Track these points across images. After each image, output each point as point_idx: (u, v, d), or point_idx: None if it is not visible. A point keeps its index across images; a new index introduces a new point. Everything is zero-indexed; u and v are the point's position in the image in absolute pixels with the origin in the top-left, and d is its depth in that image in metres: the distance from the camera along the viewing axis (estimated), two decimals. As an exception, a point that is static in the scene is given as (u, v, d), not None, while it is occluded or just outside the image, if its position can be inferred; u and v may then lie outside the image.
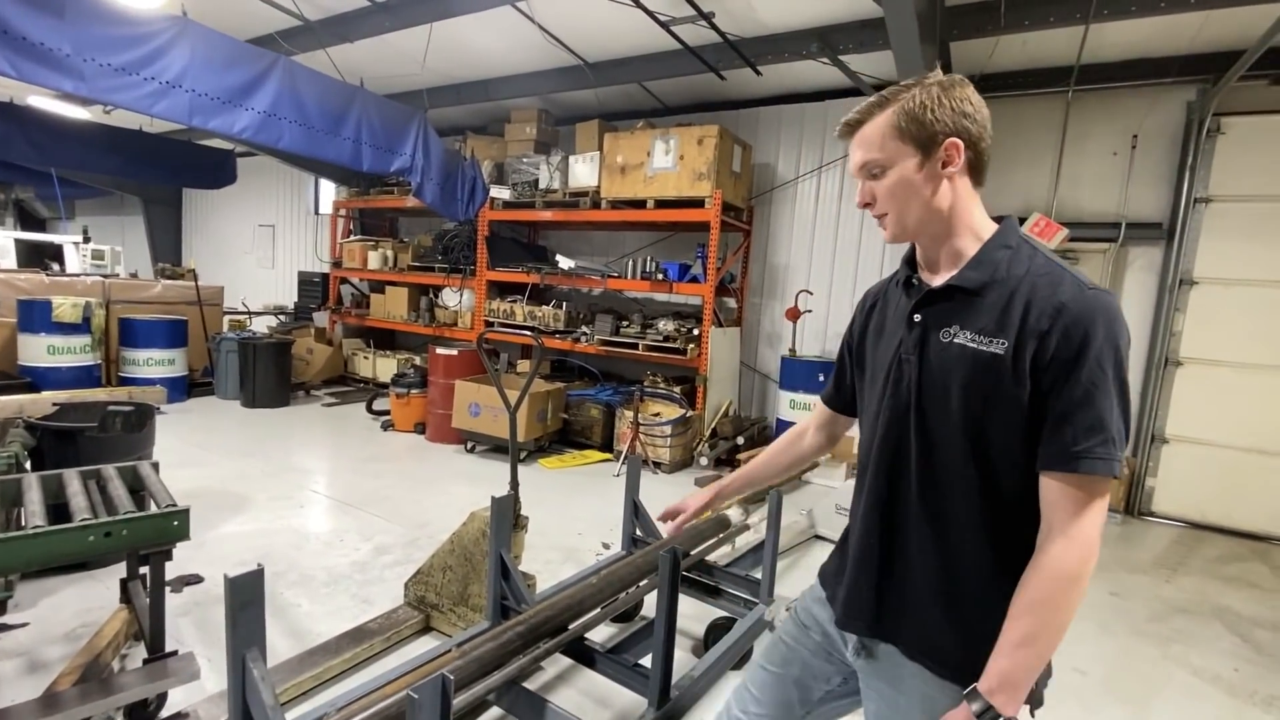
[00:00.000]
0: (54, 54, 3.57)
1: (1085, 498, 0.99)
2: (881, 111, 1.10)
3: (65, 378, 6.21)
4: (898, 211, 1.12)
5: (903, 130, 1.08)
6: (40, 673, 2.45)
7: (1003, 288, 1.06)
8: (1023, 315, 1.01)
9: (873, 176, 1.13)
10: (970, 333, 1.06)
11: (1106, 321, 0.98)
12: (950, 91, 1.07)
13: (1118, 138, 5.49)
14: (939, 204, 1.10)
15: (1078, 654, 3.15)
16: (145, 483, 2.42)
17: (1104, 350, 0.97)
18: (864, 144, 1.13)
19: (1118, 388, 0.99)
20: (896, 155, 1.09)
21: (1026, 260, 1.07)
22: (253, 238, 11.78)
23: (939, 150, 1.07)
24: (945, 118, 1.06)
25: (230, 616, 1.58)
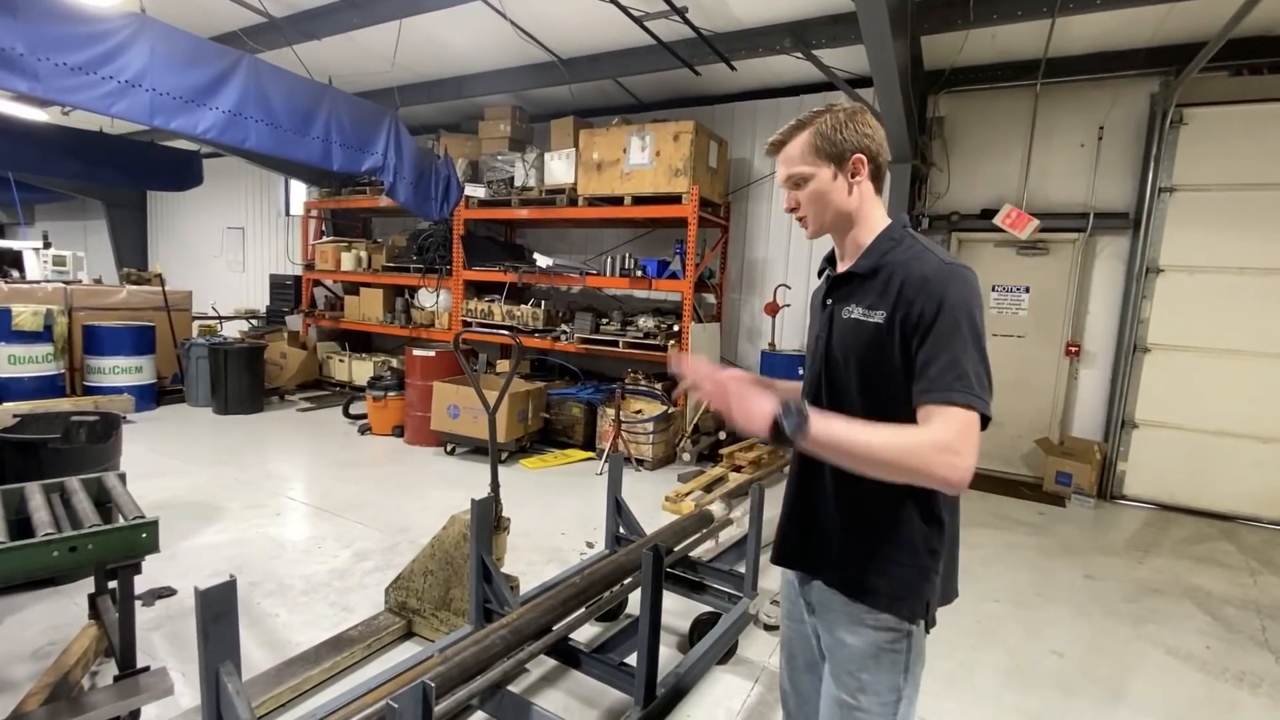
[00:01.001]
0: (6, 53, 3.44)
1: (951, 421, 1.13)
2: (801, 132, 1.34)
3: (27, 388, 6.03)
4: (816, 213, 1.37)
5: (818, 148, 1.32)
6: (7, 693, 2.37)
7: (886, 271, 1.28)
8: (897, 290, 1.23)
9: (796, 186, 1.36)
10: (861, 308, 1.29)
11: (959, 287, 1.19)
12: (854, 117, 1.33)
13: (1085, 129, 5.60)
14: (848, 207, 1.35)
15: (1054, 636, 3.21)
16: (111, 495, 2.34)
17: (958, 309, 1.17)
18: (788, 160, 1.36)
19: (972, 339, 1.17)
20: (814, 169, 1.33)
21: (906, 248, 1.29)
22: (221, 240, 11.52)
23: (848, 164, 1.32)
24: (851, 138, 1.31)
25: (202, 630, 1.54)
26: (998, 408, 5.16)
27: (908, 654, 1.29)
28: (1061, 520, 4.99)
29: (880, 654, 1.29)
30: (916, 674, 1.32)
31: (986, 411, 1.15)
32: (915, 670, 1.32)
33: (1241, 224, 5.10)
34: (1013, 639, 3.17)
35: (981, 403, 1.15)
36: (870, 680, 1.29)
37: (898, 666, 1.29)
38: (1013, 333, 6.09)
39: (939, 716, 2.55)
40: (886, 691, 1.29)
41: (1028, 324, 6.02)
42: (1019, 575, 3.92)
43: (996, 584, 3.77)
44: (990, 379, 1.19)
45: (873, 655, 1.29)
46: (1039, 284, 5.95)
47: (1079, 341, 5.78)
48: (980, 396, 1.15)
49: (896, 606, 1.28)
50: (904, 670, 1.29)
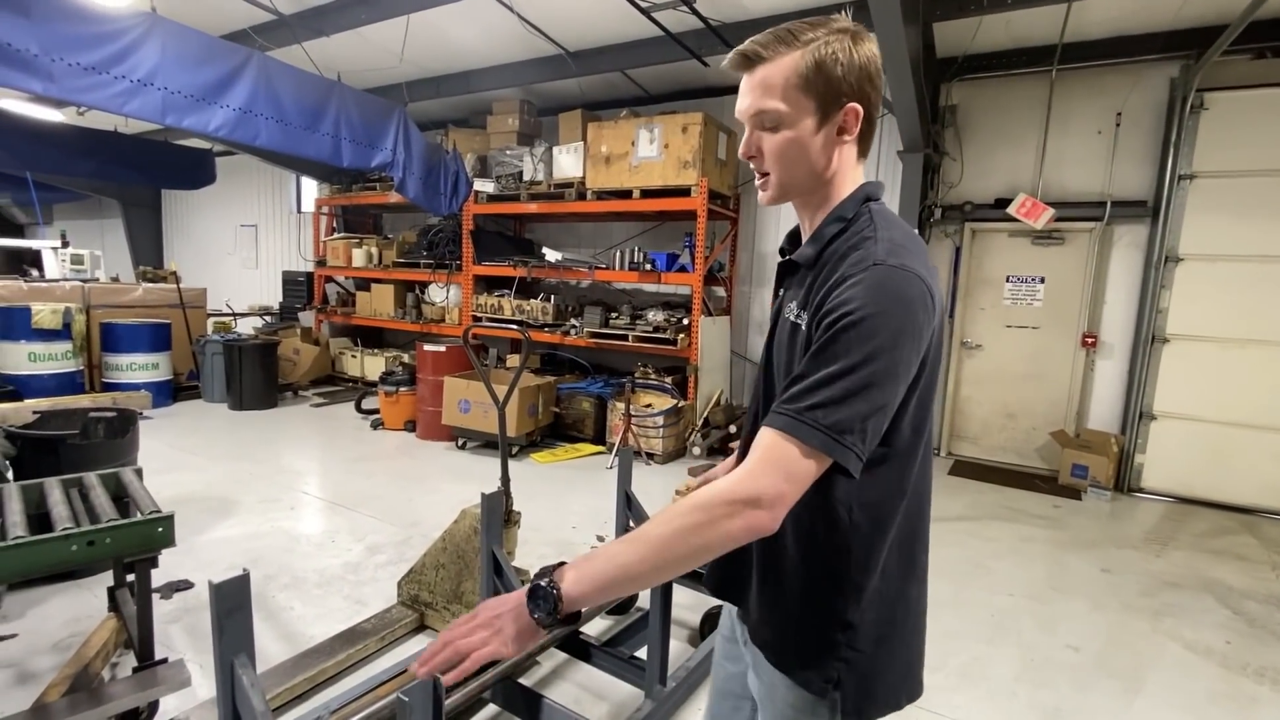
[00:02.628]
0: (21, 54, 3.48)
1: (765, 459, 0.88)
2: (789, 51, 0.96)
3: (47, 385, 6.12)
4: (783, 173, 1.03)
5: (809, 82, 0.96)
6: (30, 684, 2.41)
7: (825, 261, 1.00)
8: (822, 288, 0.95)
9: (764, 127, 1.01)
10: (795, 306, 1.03)
11: (884, 294, 0.89)
12: (860, 45, 0.97)
13: (1102, 116, 5.49)
14: (826, 173, 1.03)
15: (1069, 631, 3.18)
16: (128, 490, 2.37)
17: (869, 320, 0.87)
18: (763, 87, 0.98)
19: (861, 362, 0.87)
20: (798, 111, 0.97)
21: (854, 232, 1.00)
22: (235, 238, 11.63)
23: (839, 114, 0.98)
24: (853, 78, 0.96)
25: (216, 623, 1.55)
26: (1011, 399, 5.07)
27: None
28: (1077, 513, 4.93)
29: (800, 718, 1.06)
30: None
31: (833, 456, 0.86)
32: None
33: (1264, 211, 4.99)
34: (1027, 633, 3.14)
35: (828, 443, 0.85)
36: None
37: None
38: (1027, 324, 6.01)
39: (951, 711, 2.53)
40: None
41: (1043, 315, 5.94)
42: (1033, 569, 3.88)
43: (1010, 577, 3.74)
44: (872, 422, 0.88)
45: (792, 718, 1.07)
46: (1055, 274, 5.87)
47: (1096, 332, 5.69)
48: (830, 435, 0.85)
49: (803, 678, 1.03)
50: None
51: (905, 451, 1.00)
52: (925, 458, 1.05)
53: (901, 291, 0.90)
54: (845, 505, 1.00)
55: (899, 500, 1.02)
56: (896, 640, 1.06)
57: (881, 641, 1.04)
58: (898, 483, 1.02)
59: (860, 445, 0.88)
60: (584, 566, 0.90)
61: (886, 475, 1.00)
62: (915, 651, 1.11)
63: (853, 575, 1.02)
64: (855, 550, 1.01)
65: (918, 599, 1.10)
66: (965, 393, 6.33)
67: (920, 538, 1.09)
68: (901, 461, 1.01)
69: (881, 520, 1.02)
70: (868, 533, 1.01)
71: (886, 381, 0.88)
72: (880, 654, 1.04)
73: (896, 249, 0.94)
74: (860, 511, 1.00)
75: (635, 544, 0.88)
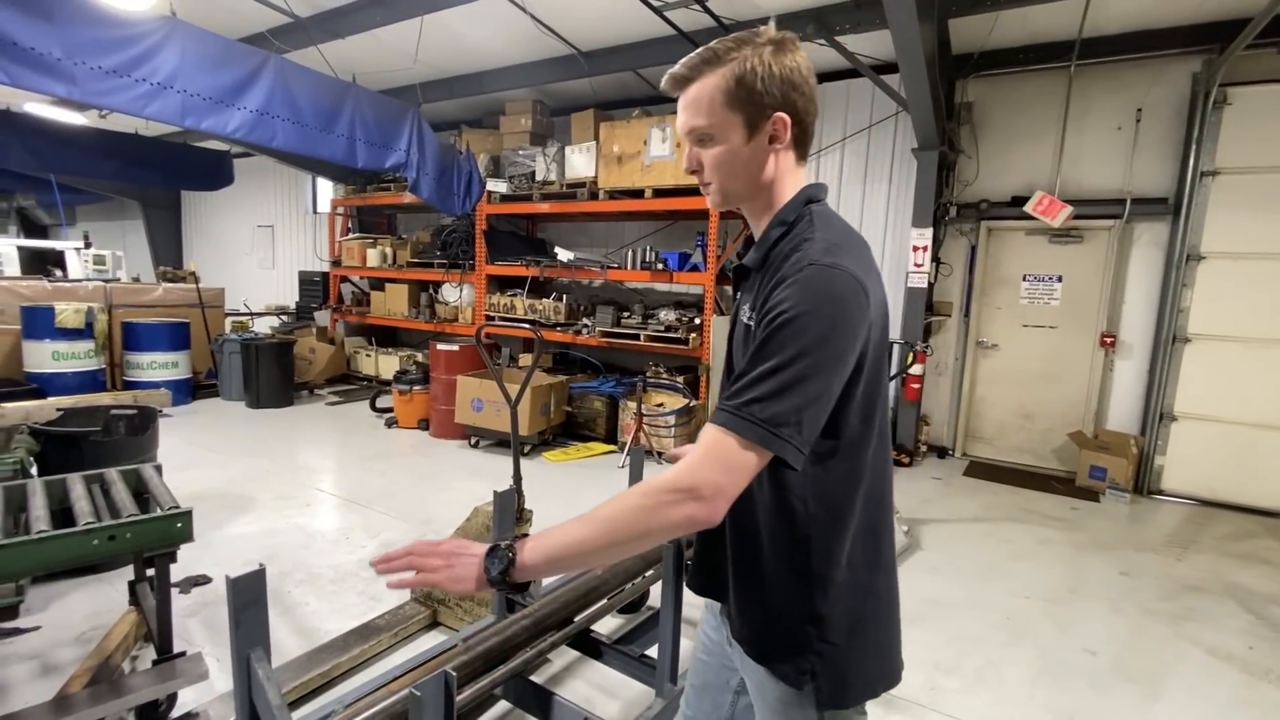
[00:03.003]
0: (45, 58, 3.55)
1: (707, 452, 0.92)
2: (712, 71, 1.02)
3: (70, 383, 6.24)
4: (722, 183, 1.09)
5: (732, 98, 1.01)
6: (52, 675, 2.46)
7: (771, 263, 1.04)
8: (765, 289, 1.00)
9: (700, 142, 1.08)
10: (748, 309, 1.07)
11: (815, 293, 0.93)
12: (782, 57, 1.02)
13: (1121, 112, 5.41)
14: (763, 180, 1.07)
15: (1087, 634, 3.13)
16: (148, 485, 2.41)
17: (801, 318, 0.92)
18: (693, 107, 1.05)
19: (795, 357, 0.90)
20: (725, 125, 1.03)
21: (796, 236, 1.03)
22: (252, 238, 11.78)
23: (767, 124, 1.03)
24: (775, 89, 1.01)
25: (233, 617, 1.57)
26: (1027, 400, 5.02)
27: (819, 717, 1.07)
28: (1095, 515, 4.86)
29: (788, 713, 1.09)
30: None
31: (772, 449, 0.90)
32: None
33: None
34: (1044, 636, 3.10)
35: (775, 441, 0.90)
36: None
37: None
38: (1044, 323, 5.93)
39: (967, 714, 2.51)
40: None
41: (1060, 314, 5.86)
42: (1050, 571, 3.83)
43: (1026, 580, 3.70)
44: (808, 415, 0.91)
45: (781, 713, 1.10)
46: (1072, 273, 5.79)
47: (1115, 332, 5.60)
48: (766, 429, 0.89)
49: (781, 671, 1.07)
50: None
51: (855, 442, 1.04)
52: (881, 448, 1.08)
53: (832, 289, 0.94)
54: (801, 498, 1.04)
55: (855, 490, 1.05)
56: (869, 630, 1.08)
57: (854, 633, 1.06)
58: (851, 473, 1.04)
59: (797, 437, 0.91)
60: (540, 538, 0.97)
61: (839, 466, 1.03)
62: (889, 640, 1.13)
63: (816, 568, 1.04)
64: (815, 542, 1.04)
65: (886, 589, 1.11)
66: (981, 393, 6.26)
67: (885, 527, 1.11)
68: (853, 452, 1.04)
69: (839, 510, 1.04)
70: (826, 524, 1.04)
71: (819, 375, 0.92)
72: (854, 645, 1.06)
73: (832, 248, 0.98)
74: (816, 503, 1.04)
75: (586, 522, 0.95)
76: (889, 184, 6.25)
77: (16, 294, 6.51)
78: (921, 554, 3.99)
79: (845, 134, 6.38)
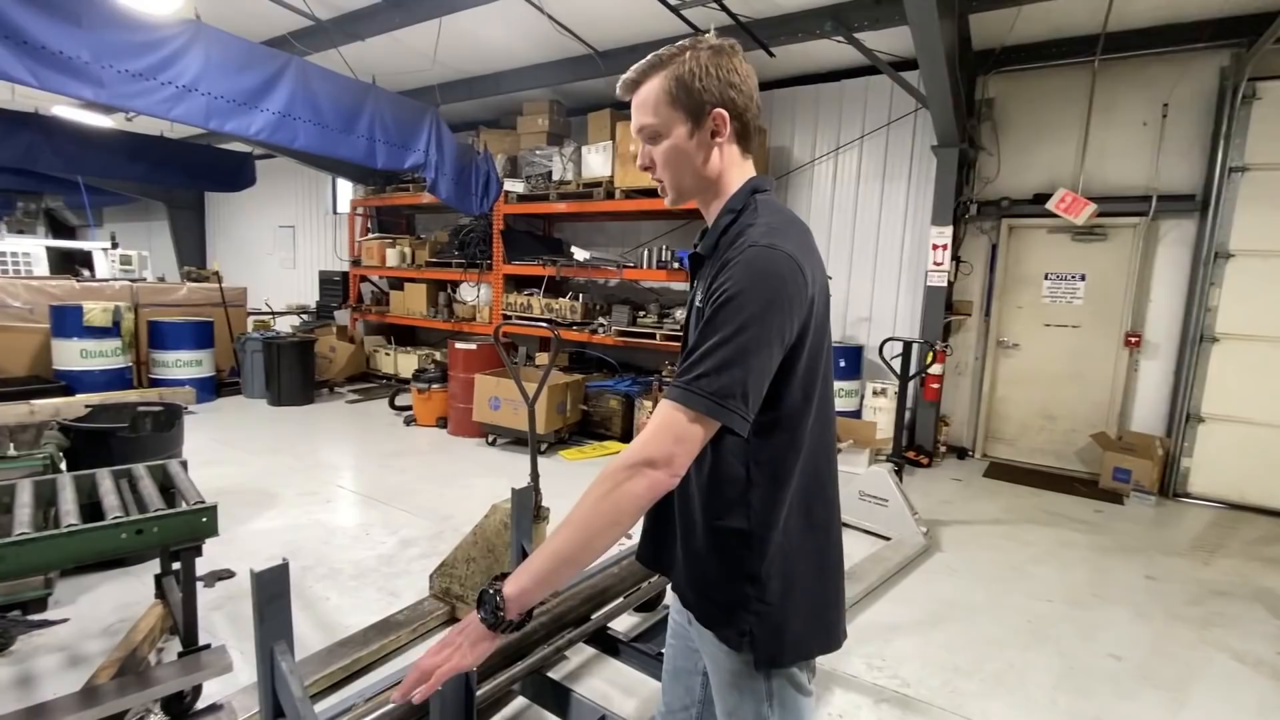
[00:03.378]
0: (73, 62, 3.63)
1: (659, 426, 0.99)
2: (656, 74, 1.12)
3: (98, 380, 6.37)
4: (672, 177, 1.17)
5: (674, 97, 1.10)
6: (81, 666, 2.52)
7: (719, 249, 1.11)
8: (712, 273, 1.08)
9: (650, 140, 1.16)
10: (701, 294, 1.13)
11: (750, 271, 1.01)
12: (719, 60, 1.10)
13: (1147, 107, 5.30)
14: (709, 171, 1.15)
15: (1111, 639, 3.08)
16: (174, 481, 2.46)
17: (740, 295, 0.99)
18: (641, 107, 1.14)
19: (735, 332, 0.98)
20: (669, 122, 1.12)
21: (742, 223, 1.11)
22: (274, 239, 11.95)
23: (707, 120, 1.11)
24: (712, 87, 1.09)
25: (257, 610, 1.60)
26: (1049, 400, 4.95)
27: (768, 684, 1.14)
28: (1119, 518, 4.78)
29: (738, 680, 1.15)
30: (791, 705, 1.16)
31: (719, 419, 0.98)
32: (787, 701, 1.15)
33: (1323, 204, 4.76)
34: (1066, 640, 3.06)
35: (723, 412, 0.97)
36: (736, 706, 1.17)
37: (759, 696, 1.15)
38: (1067, 323, 5.84)
39: (986, 718, 2.48)
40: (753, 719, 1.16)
41: (1083, 313, 5.76)
42: (1073, 574, 3.77)
43: (1048, 583, 3.64)
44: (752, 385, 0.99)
45: (732, 683, 1.16)
46: (1096, 271, 5.69)
47: (1140, 331, 5.50)
48: (713, 400, 0.97)
49: (725, 635, 1.13)
50: (767, 700, 1.14)
51: (796, 414, 1.10)
52: (821, 421, 1.15)
53: (769, 268, 1.01)
54: (743, 463, 1.11)
55: (794, 459, 1.12)
56: (799, 592, 1.13)
57: (786, 593, 1.12)
58: (790, 442, 1.11)
59: (743, 408, 0.98)
60: (523, 568, 1.01)
61: (779, 436, 1.10)
62: (824, 603, 1.17)
63: (755, 530, 1.11)
64: (755, 505, 1.11)
65: (820, 553, 1.17)
66: (1001, 393, 6.18)
67: (820, 497, 1.17)
68: (793, 423, 1.10)
69: (779, 476, 1.11)
70: (766, 488, 1.11)
71: (760, 349, 0.99)
72: (786, 605, 1.12)
73: (771, 231, 1.05)
74: (757, 469, 1.10)
75: (561, 531, 1.00)
76: (908, 182, 6.18)
77: (46, 293, 6.66)
78: (941, 555, 3.95)
79: (863, 131, 6.33)
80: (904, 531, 4.04)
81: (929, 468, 5.80)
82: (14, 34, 3.40)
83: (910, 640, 2.99)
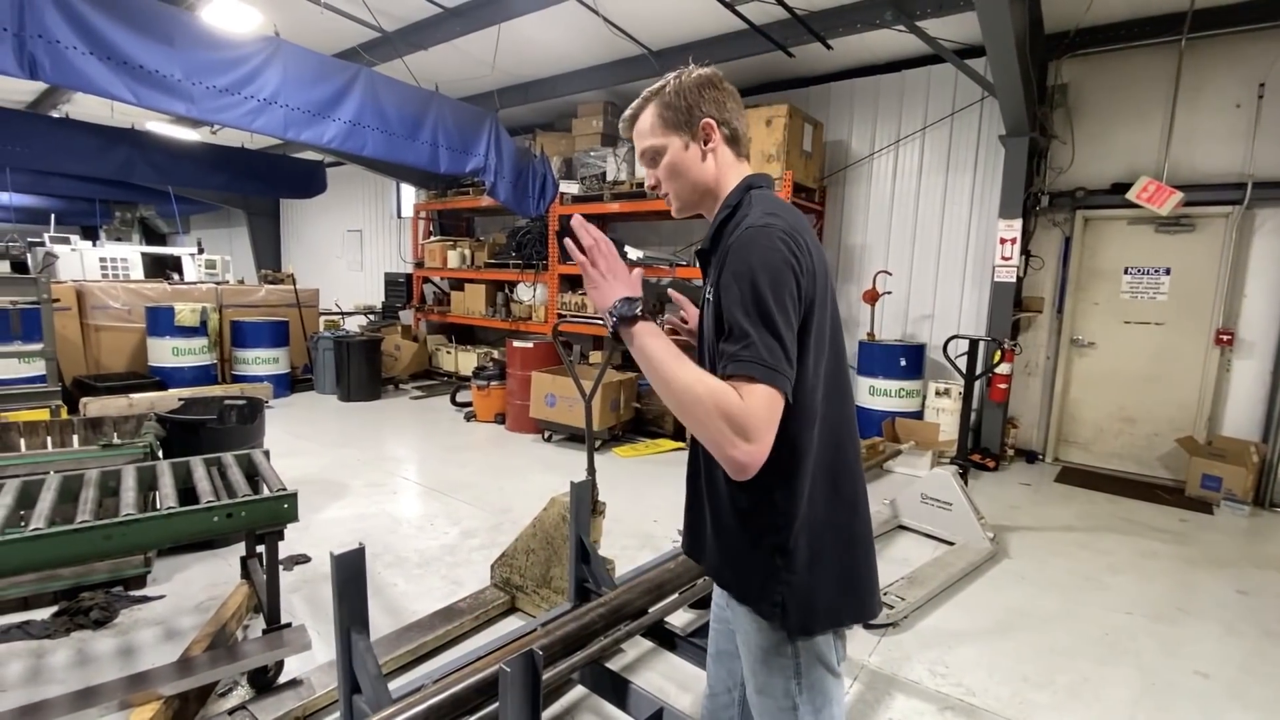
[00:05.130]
0: (167, 79, 3.92)
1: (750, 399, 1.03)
2: (648, 106, 1.28)
3: (187, 376, 6.84)
4: (676, 188, 1.30)
5: (665, 119, 1.26)
6: (175, 639, 2.72)
7: (721, 242, 1.20)
8: (719, 263, 1.17)
9: (652, 162, 1.30)
10: (710, 285, 1.22)
11: (747, 251, 1.09)
12: (700, 81, 1.25)
13: (1240, 88, 4.93)
14: (706, 177, 1.27)
15: (1198, 655, 2.89)
16: (259, 469, 2.63)
17: (742, 275, 1.08)
18: (640, 135, 1.30)
19: (754, 304, 1.06)
20: (666, 141, 1.26)
21: (739, 215, 1.20)
22: (343, 242, 12.53)
23: (699, 130, 1.25)
24: (697, 103, 1.24)
25: (336, 590, 1.70)
26: (1128, 402, 4.72)
27: (796, 660, 1.20)
28: (1208, 528, 4.47)
29: (768, 657, 1.22)
30: (819, 684, 1.21)
31: (783, 388, 1.05)
32: (814, 680, 1.21)
33: None
34: (1147, 655, 2.89)
35: (776, 376, 1.04)
36: (765, 682, 1.23)
37: (787, 672, 1.21)
38: (1149, 320, 5.50)
39: (1059, 730, 2.37)
40: (781, 696, 1.22)
41: (1168, 310, 5.41)
42: (1155, 586, 3.56)
43: (1127, 595, 3.45)
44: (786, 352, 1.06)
45: (761, 658, 1.23)
46: (1182, 265, 5.33)
47: (1232, 329, 5.12)
48: (775, 369, 1.04)
49: (758, 607, 1.19)
50: (795, 677, 1.21)
51: (810, 386, 1.15)
52: (837, 393, 1.21)
53: (767, 242, 1.10)
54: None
55: (810, 430, 1.17)
56: (826, 562, 1.19)
57: (813, 564, 1.18)
58: (807, 413, 1.16)
59: (790, 372, 1.06)
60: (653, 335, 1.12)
61: (795, 408, 1.12)
62: (854, 573, 1.23)
63: (781, 503, 1.16)
64: (778, 479, 1.15)
65: (847, 524, 1.23)
66: (1075, 394, 5.87)
67: (842, 469, 1.23)
68: (808, 395, 1.15)
69: (798, 449, 1.15)
70: (788, 461, 1.15)
71: (779, 312, 1.07)
72: (814, 575, 1.18)
73: (765, 215, 1.14)
74: (777, 443, 1.11)
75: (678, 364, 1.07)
76: (974, 174, 5.96)
77: (141, 295, 7.19)
78: (1009, 562, 3.80)
79: (926, 122, 6.13)
80: (969, 536, 3.90)
81: (995, 471, 5.57)
82: (115, 55, 3.70)
83: (976, 648, 2.89)
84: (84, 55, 3.57)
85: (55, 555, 1.90)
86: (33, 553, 1.85)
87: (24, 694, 2.32)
